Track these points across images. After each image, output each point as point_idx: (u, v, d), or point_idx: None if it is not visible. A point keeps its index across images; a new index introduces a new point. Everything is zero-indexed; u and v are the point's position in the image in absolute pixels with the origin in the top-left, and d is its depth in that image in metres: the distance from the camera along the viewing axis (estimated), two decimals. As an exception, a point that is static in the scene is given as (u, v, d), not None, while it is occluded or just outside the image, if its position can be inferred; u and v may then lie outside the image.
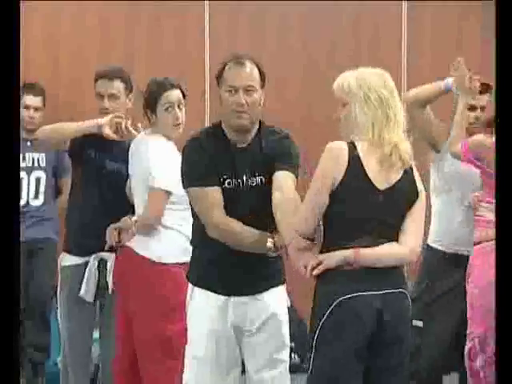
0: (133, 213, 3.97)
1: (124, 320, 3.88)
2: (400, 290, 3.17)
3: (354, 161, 3.10)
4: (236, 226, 3.36)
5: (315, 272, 3.11)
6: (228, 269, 3.41)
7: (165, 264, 3.78)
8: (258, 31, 6.12)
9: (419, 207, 3.22)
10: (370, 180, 3.12)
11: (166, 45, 6.07)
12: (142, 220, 3.81)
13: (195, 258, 3.55)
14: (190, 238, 3.79)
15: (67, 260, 4.23)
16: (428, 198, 4.36)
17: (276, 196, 3.32)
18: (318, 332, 3.10)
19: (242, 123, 3.39)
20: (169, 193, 3.76)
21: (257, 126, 3.47)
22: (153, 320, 3.77)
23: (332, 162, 3.11)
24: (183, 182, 3.48)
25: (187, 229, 3.78)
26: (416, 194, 3.22)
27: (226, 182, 3.41)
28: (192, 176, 3.45)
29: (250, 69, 3.40)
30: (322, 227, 3.20)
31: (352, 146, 3.13)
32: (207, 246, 3.44)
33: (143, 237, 3.80)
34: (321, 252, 3.17)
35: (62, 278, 4.25)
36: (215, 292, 3.45)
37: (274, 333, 3.45)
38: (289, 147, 3.46)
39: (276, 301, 3.48)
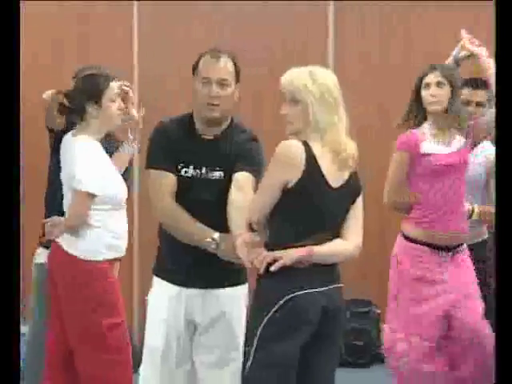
0: None
1: (57, 316, 3.84)
2: (338, 284, 3.25)
3: (311, 160, 3.12)
4: (180, 215, 3.38)
5: (272, 268, 3.09)
6: (184, 260, 3.44)
7: (91, 261, 3.77)
8: (186, 32, 6.16)
9: (360, 204, 3.29)
10: (326, 179, 3.15)
11: (94, 44, 6.08)
12: (66, 221, 3.80)
13: (159, 248, 3.59)
14: (116, 234, 3.82)
15: (43, 257, 4.14)
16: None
17: (233, 194, 3.32)
18: (262, 327, 3.11)
19: (213, 115, 3.42)
20: (92, 195, 3.74)
21: (227, 121, 3.50)
22: (83, 316, 3.75)
23: (287, 161, 3.11)
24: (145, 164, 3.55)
25: (112, 226, 3.82)
26: (359, 191, 3.29)
27: (183, 170, 3.45)
28: (150, 158, 3.51)
29: (225, 62, 3.44)
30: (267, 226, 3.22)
31: (307, 146, 3.14)
32: (167, 236, 3.47)
33: (70, 235, 3.79)
34: (268, 249, 3.17)
35: (38, 275, 4.18)
36: (170, 282, 3.49)
37: (226, 332, 3.47)
38: (255, 150, 3.47)
39: (231, 299, 3.48)
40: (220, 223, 3.31)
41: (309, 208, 3.14)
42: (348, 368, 5.71)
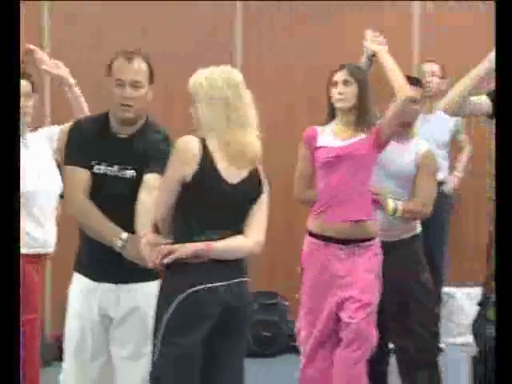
0: None
1: None
2: (243, 279, 3.31)
3: (205, 156, 3.21)
4: (90, 211, 3.45)
5: (166, 260, 3.19)
6: (98, 255, 3.49)
7: None
8: (73, 32, 6.21)
9: (264, 201, 3.36)
10: (221, 175, 3.23)
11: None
12: None
13: (79, 244, 3.64)
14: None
15: None
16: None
17: (142, 195, 3.38)
18: (166, 321, 3.19)
19: (127, 116, 3.50)
20: None
21: (142, 120, 3.57)
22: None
23: (183, 156, 3.21)
24: None
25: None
26: (261, 189, 3.35)
27: (96, 167, 3.50)
28: (65, 155, 3.58)
29: (138, 64, 3.50)
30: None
31: (204, 142, 3.23)
32: (83, 232, 3.53)
33: None
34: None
35: None
36: (86, 276, 3.55)
37: (140, 326, 3.50)
38: (168, 151, 3.47)
39: (145, 295, 3.51)
40: (132, 221, 3.38)
41: (205, 203, 3.23)
42: (255, 358, 5.77)
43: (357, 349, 4.10)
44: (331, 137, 4.22)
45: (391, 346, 4.64)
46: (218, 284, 3.21)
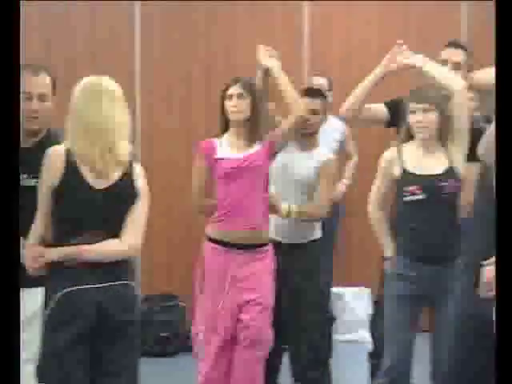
0: None
1: None
2: (122, 282, 3.40)
3: (70, 163, 3.33)
4: None
5: (36, 265, 3.34)
6: None
7: None
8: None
9: (139, 205, 3.44)
10: (86, 180, 3.33)
11: None
12: None
13: None
14: None
15: None
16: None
17: None
18: (45, 321, 3.34)
19: (33, 127, 3.68)
20: None
21: (44, 132, 3.73)
22: None
23: (49, 165, 3.35)
24: None
25: None
26: (136, 192, 3.43)
27: None
28: None
29: (44, 77, 3.69)
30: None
31: (69, 150, 3.35)
32: None
33: None
34: None
35: None
36: None
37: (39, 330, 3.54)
38: None
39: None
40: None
41: (74, 209, 3.35)
42: (155, 358, 5.97)
43: (258, 350, 4.27)
44: (228, 149, 4.36)
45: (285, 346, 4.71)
46: (90, 286, 3.32)
